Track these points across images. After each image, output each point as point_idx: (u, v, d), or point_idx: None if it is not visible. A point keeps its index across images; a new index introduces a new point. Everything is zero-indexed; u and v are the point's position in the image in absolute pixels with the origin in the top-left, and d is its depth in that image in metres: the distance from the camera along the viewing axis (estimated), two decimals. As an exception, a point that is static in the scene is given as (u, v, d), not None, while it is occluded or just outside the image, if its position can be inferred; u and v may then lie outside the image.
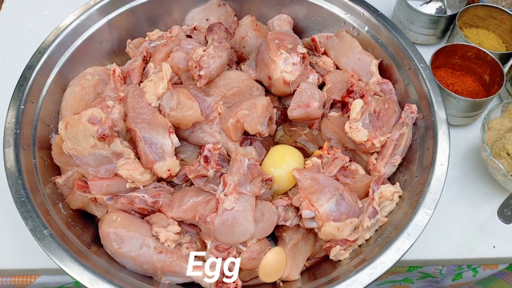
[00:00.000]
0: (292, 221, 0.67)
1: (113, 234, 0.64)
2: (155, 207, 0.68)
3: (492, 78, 0.85)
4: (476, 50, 0.86)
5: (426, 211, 0.63)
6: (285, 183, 0.71)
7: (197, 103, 0.72)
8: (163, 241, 0.64)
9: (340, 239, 0.64)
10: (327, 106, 0.79)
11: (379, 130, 0.72)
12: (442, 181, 0.65)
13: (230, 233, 0.62)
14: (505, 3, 0.99)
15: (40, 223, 0.61)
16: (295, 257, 0.66)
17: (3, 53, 0.94)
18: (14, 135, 0.67)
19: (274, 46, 0.75)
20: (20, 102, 0.70)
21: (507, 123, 0.81)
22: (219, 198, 0.63)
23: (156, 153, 0.67)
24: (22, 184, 0.64)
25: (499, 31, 0.94)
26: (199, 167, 0.66)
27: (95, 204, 0.70)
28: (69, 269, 0.58)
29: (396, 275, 0.81)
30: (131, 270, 0.64)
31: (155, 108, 0.71)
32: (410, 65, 0.77)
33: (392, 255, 0.60)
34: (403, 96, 0.78)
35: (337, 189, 0.65)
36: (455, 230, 0.77)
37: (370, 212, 0.65)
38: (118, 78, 0.76)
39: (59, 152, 0.69)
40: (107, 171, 0.66)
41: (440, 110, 0.72)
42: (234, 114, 0.72)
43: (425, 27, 0.94)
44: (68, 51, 0.78)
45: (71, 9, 0.80)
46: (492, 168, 0.77)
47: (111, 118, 0.67)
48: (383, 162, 0.72)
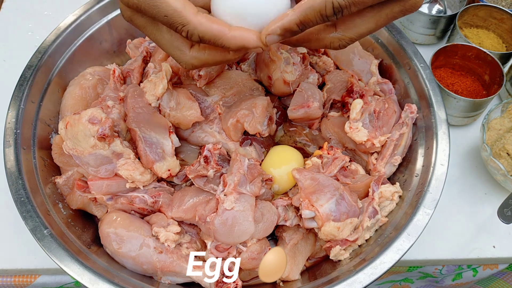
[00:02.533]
0: (292, 221, 0.67)
1: (113, 234, 0.64)
2: (155, 207, 0.68)
3: (492, 78, 0.86)
4: (476, 50, 0.86)
5: (426, 211, 0.63)
6: (285, 183, 0.71)
7: (197, 103, 0.72)
8: (163, 241, 0.64)
9: (340, 239, 0.64)
10: (327, 106, 0.79)
11: (379, 130, 0.72)
12: (442, 181, 0.66)
13: (230, 233, 0.62)
14: (505, 3, 0.99)
15: (40, 223, 0.61)
16: (295, 257, 0.67)
17: (3, 53, 0.94)
18: (14, 135, 0.67)
19: (274, 46, 0.75)
20: (20, 102, 0.70)
21: (507, 123, 0.81)
22: (219, 198, 0.63)
23: (156, 153, 0.67)
24: (22, 184, 0.64)
25: (499, 31, 0.94)
26: (199, 167, 0.66)
27: (95, 204, 0.70)
28: (69, 269, 0.58)
29: (396, 275, 0.81)
30: (131, 270, 0.64)
31: (155, 108, 0.71)
32: (410, 65, 0.77)
33: (392, 255, 0.60)
34: (403, 96, 0.78)
35: (337, 189, 0.65)
36: (455, 230, 0.77)
37: (370, 212, 0.65)
38: (118, 78, 0.76)
39: (59, 152, 0.69)
40: (107, 171, 0.66)
41: (440, 110, 0.72)
42: (234, 114, 0.72)
43: (425, 27, 0.94)
44: (68, 51, 0.78)
45: (71, 9, 0.80)
46: (492, 168, 0.77)
47: (111, 118, 0.67)
48: (383, 162, 0.72)
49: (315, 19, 0.48)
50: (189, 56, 0.52)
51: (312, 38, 0.54)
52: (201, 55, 0.52)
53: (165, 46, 0.53)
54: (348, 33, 0.52)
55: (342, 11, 0.47)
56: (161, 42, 0.53)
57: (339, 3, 0.47)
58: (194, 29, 0.48)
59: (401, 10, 0.50)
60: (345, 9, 0.47)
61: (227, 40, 0.49)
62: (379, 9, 0.50)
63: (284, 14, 0.49)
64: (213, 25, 0.48)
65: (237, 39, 0.49)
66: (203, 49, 0.52)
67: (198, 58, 0.53)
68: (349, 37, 0.52)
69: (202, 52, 0.53)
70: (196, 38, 0.49)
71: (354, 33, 0.52)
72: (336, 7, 0.47)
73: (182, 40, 0.52)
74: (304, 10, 0.48)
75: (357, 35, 0.52)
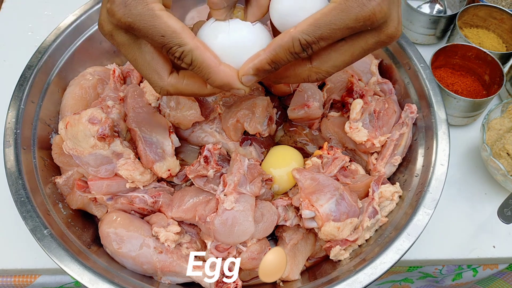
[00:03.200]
0: (292, 221, 0.67)
1: (113, 234, 0.64)
2: (155, 207, 0.68)
3: (492, 78, 0.85)
4: (476, 50, 0.86)
5: (426, 211, 0.63)
6: (285, 183, 0.71)
7: (197, 103, 0.72)
8: (163, 241, 0.64)
9: (340, 239, 0.64)
10: (327, 106, 0.79)
11: (379, 130, 0.72)
12: (442, 181, 0.65)
13: (230, 233, 0.62)
14: (505, 3, 0.99)
15: (40, 223, 0.61)
16: (295, 257, 0.67)
17: (3, 53, 0.94)
18: (14, 135, 0.67)
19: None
20: (20, 102, 0.70)
21: (507, 123, 0.81)
22: (219, 198, 0.63)
23: (156, 153, 0.67)
24: (22, 184, 0.64)
25: (499, 31, 0.94)
26: (199, 167, 0.66)
27: (95, 204, 0.70)
28: (69, 269, 0.58)
29: (396, 275, 0.81)
30: (131, 270, 0.64)
31: (155, 108, 0.72)
32: (410, 65, 0.77)
33: (392, 255, 0.60)
34: (403, 96, 0.78)
35: (337, 189, 0.65)
36: (455, 230, 0.77)
37: (370, 212, 0.65)
38: (118, 78, 0.76)
39: (59, 152, 0.69)
40: (107, 171, 0.66)
41: (440, 110, 0.72)
42: (234, 114, 0.72)
43: (425, 27, 0.94)
44: (68, 51, 0.78)
45: (71, 9, 0.80)
46: (492, 168, 0.77)
47: (111, 118, 0.67)
48: (383, 162, 0.72)
49: (285, 57, 0.48)
50: (166, 82, 0.51)
51: (289, 74, 0.52)
52: (178, 83, 0.51)
53: (143, 67, 0.51)
54: (324, 66, 0.50)
55: (311, 46, 0.47)
56: (139, 62, 0.51)
57: (306, 40, 0.46)
58: (189, 51, 0.47)
59: (376, 41, 0.49)
60: (313, 44, 0.47)
61: (215, 73, 0.48)
62: (352, 42, 0.49)
63: (256, 54, 0.49)
64: (207, 53, 0.48)
65: (225, 74, 0.49)
66: (182, 78, 0.51)
67: (175, 86, 0.51)
68: (325, 70, 0.51)
69: (180, 81, 0.51)
70: (188, 61, 0.48)
71: (330, 66, 0.50)
72: (303, 44, 0.47)
73: (163, 64, 0.51)
74: (273, 49, 0.48)
75: (333, 68, 0.51)
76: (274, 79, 0.54)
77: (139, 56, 0.51)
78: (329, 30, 0.46)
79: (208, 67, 0.48)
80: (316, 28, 0.46)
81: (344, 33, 0.47)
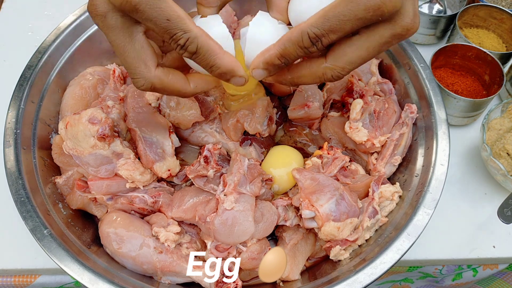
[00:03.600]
0: (292, 221, 0.67)
1: (113, 234, 0.64)
2: (155, 207, 0.68)
3: (492, 78, 0.86)
4: (476, 50, 0.86)
5: (426, 211, 0.63)
6: (285, 183, 0.71)
7: (197, 103, 0.72)
8: (163, 241, 0.64)
9: (340, 239, 0.64)
10: (327, 106, 0.79)
11: (379, 130, 0.72)
12: (442, 181, 0.65)
13: (230, 233, 0.62)
14: (505, 3, 0.99)
15: (40, 223, 0.61)
16: (295, 257, 0.67)
17: (3, 53, 0.94)
18: (14, 135, 0.67)
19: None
20: (20, 102, 0.70)
21: (507, 123, 0.81)
22: (219, 198, 0.63)
23: (156, 153, 0.67)
24: (22, 184, 0.64)
25: (499, 31, 0.94)
26: (199, 167, 0.66)
27: (95, 204, 0.70)
28: (69, 269, 0.58)
29: (396, 275, 0.81)
30: (131, 270, 0.64)
31: (155, 108, 0.71)
32: (410, 65, 0.77)
33: (392, 255, 0.60)
34: (403, 96, 0.78)
35: (337, 189, 0.65)
36: (455, 230, 0.77)
37: (370, 212, 0.65)
38: (118, 78, 0.76)
39: (59, 152, 0.69)
40: (107, 171, 0.66)
41: (440, 110, 0.72)
42: (234, 114, 0.72)
43: (425, 27, 0.94)
44: (68, 51, 0.78)
45: (71, 9, 0.80)
46: (492, 168, 0.77)
47: (111, 118, 0.67)
48: (383, 162, 0.72)
49: (295, 51, 0.48)
50: (153, 74, 0.50)
51: (304, 73, 0.52)
52: (164, 77, 0.50)
53: (130, 56, 0.49)
54: (339, 62, 0.49)
55: (321, 40, 0.46)
56: (127, 50, 0.49)
57: (314, 33, 0.46)
58: (194, 38, 0.47)
59: (392, 34, 0.47)
60: (322, 37, 0.46)
61: (220, 59, 0.48)
62: (367, 35, 0.48)
63: (267, 49, 0.49)
64: (211, 40, 0.48)
65: (230, 60, 0.49)
66: (168, 73, 0.51)
67: (161, 80, 0.50)
68: (340, 66, 0.49)
69: (166, 75, 0.51)
70: (193, 48, 0.47)
71: (345, 62, 0.49)
72: (312, 37, 0.46)
73: (151, 55, 0.50)
74: (283, 43, 0.48)
75: (348, 64, 0.49)
76: (291, 79, 0.53)
77: (128, 43, 0.49)
78: (338, 22, 0.45)
79: (214, 53, 0.48)
80: (325, 20, 0.45)
81: (354, 25, 0.46)
